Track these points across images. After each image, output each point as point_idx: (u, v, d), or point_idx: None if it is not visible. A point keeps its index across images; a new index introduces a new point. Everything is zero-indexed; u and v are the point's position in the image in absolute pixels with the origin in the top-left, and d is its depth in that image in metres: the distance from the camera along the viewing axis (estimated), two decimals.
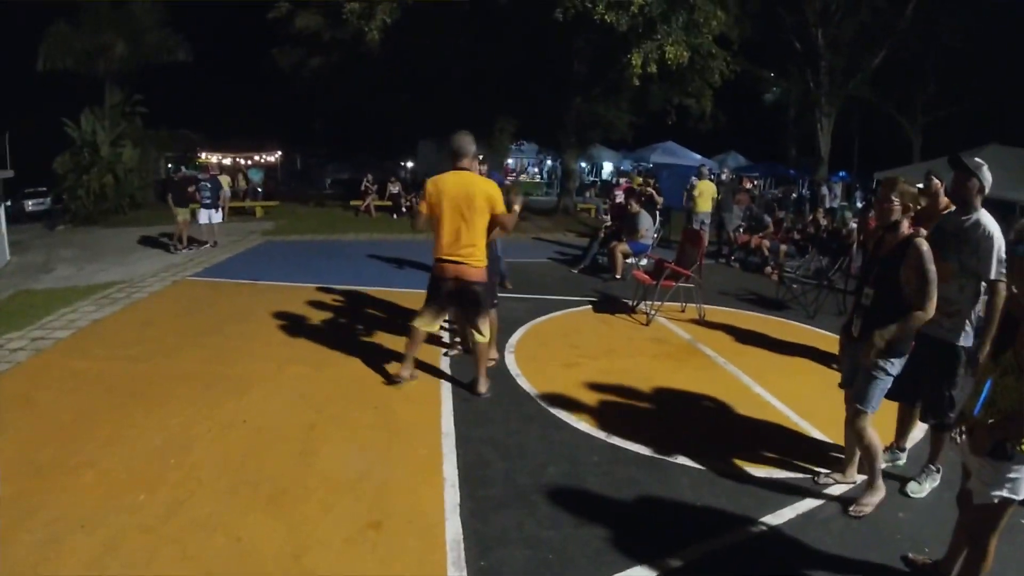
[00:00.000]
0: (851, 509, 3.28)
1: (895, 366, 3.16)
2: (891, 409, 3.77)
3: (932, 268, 2.95)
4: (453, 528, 3.07)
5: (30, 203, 20.19)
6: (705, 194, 12.44)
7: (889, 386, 3.20)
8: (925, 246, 2.98)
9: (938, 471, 3.59)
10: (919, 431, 4.08)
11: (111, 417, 4.30)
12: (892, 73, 22.03)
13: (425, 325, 4.81)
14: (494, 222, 4.64)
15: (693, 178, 12.99)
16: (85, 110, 17.19)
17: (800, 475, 3.68)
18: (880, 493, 3.30)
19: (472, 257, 4.58)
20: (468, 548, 2.92)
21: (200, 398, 4.64)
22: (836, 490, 3.55)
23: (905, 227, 3.12)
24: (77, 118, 17.04)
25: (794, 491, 3.51)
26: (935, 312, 3.00)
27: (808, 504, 3.39)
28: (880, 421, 4.03)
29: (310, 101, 24.26)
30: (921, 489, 3.52)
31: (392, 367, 5.15)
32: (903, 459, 3.85)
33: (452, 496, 3.35)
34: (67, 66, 18.40)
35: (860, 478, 3.55)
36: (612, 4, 12.87)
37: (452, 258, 4.58)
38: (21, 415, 4.37)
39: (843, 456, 3.69)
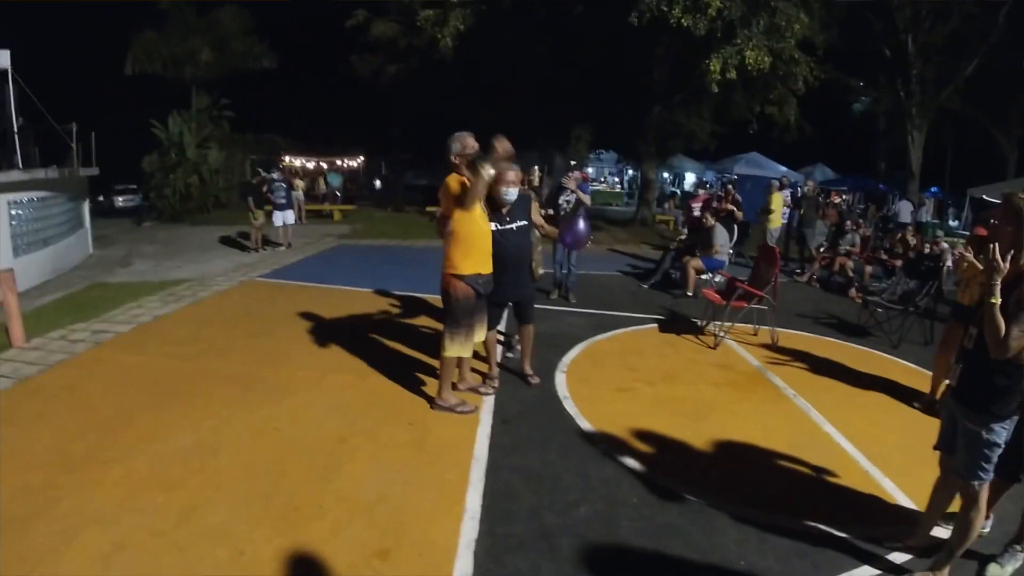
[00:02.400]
0: None
1: (1001, 432, 2.60)
2: None
3: None
4: (463, 566, 2.78)
5: (120, 199, 21.42)
6: (779, 210, 11.97)
7: (998, 453, 2.63)
8: None
9: (988, 517, 3.04)
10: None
11: (149, 415, 4.32)
12: (986, 83, 20.40)
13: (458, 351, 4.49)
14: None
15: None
16: (172, 112, 18.07)
17: (863, 537, 3.15)
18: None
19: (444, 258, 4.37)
20: None
21: (238, 401, 4.59)
22: (901, 557, 3.02)
23: None
24: (166, 120, 17.93)
25: (854, 554, 3.01)
26: None
27: (867, 573, 2.89)
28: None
29: (390, 107, 24.75)
30: (1003, 572, 2.95)
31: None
32: (987, 527, 3.22)
33: (470, 530, 3.06)
34: (155, 70, 19.49)
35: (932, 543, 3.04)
36: (689, 7, 12.40)
37: None
38: (65, 406, 4.48)
39: (917, 518, 3.17)
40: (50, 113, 10.99)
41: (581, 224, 4.54)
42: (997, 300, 2.43)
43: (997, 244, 2.44)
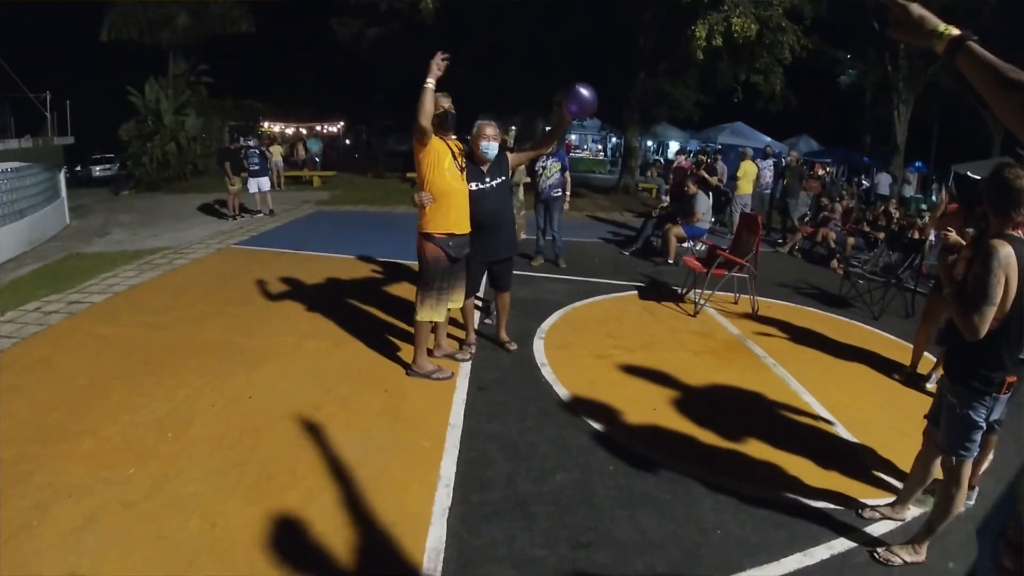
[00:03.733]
0: (879, 550, 2.78)
1: (980, 409, 2.56)
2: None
3: (994, 281, 2.33)
4: (436, 535, 2.76)
5: (98, 169, 21.06)
6: (747, 176, 12.06)
7: (978, 432, 2.60)
8: (1003, 251, 2.35)
9: (973, 488, 3.07)
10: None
11: (123, 385, 4.27)
12: None
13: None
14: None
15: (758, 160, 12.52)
16: (149, 79, 17.64)
17: (841, 507, 3.15)
18: (920, 557, 2.74)
19: None
20: (447, 560, 2.61)
21: (213, 370, 4.54)
22: (880, 528, 3.01)
23: (1007, 228, 2.49)
24: (142, 87, 17.49)
25: (832, 525, 3.00)
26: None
27: (846, 543, 2.87)
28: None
29: (372, 72, 24.31)
30: None
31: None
32: (972, 499, 3.22)
33: (443, 498, 3.04)
34: (131, 36, 18.95)
35: (911, 514, 3.06)
36: None
37: None
38: (38, 378, 4.40)
39: (898, 488, 3.17)
40: (24, 82, 10.69)
41: (584, 91, 4.30)
42: (950, 289, 2.51)
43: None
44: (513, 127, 5.73)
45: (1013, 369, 2.53)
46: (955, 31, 1.41)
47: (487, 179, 4.52)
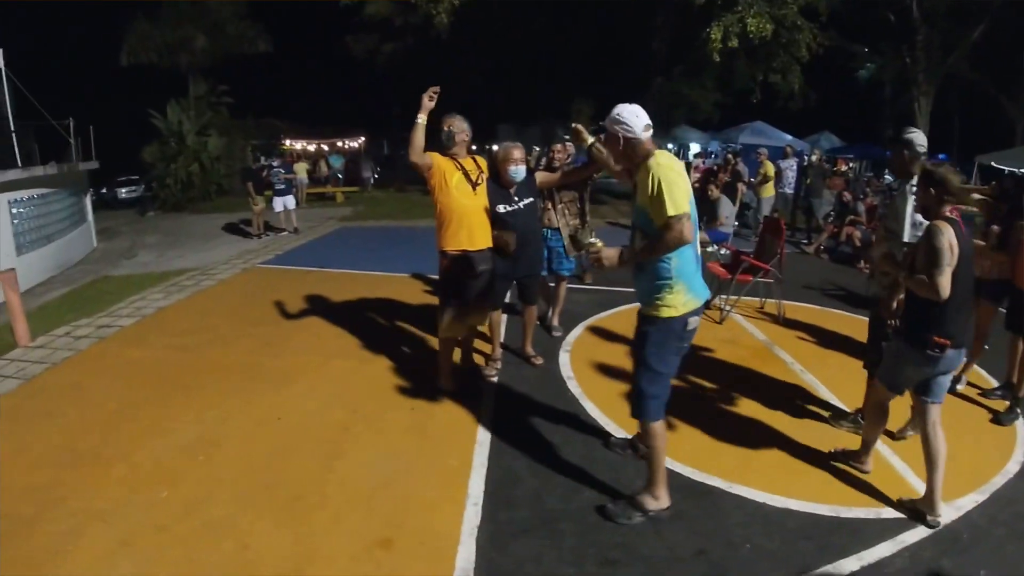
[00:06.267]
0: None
1: (940, 359, 2.96)
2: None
3: (945, 248, 2.80)
4: (466, 554, 2.76)
5: (123, 191, 21.54)
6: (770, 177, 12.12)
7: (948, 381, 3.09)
8: (946, 230, 2.85)
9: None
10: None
11: (153, 409, 4.34)
12: (993, 49, 19.87)
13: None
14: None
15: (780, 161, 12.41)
16: (171, 101, 17.97)
17: (872, 514, 3.08)
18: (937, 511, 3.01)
19: None
20: None
21: (241, 391, 4.59)
22: (913, 536, 2.93)
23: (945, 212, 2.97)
24: (164, 109, 17.84)
25: (863, 534, 2.93)
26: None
27: (875, 554, 2.80)
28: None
29: (390, 87, 24.54)
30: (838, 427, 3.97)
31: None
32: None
33: (472, 517, 3.04)
34: (150, 60, 19.37)
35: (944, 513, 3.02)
36: None
37: None
38: (70, 403, 4.49)
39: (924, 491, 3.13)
40: (47, 109, 10.95)
41: None
42: (905, 272, 3.08)
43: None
44: (536, 147, 5.77)
45: (958, 333, 2.94)
46: (590, 140, 3.31)
47: (516, 199, 4.48)
